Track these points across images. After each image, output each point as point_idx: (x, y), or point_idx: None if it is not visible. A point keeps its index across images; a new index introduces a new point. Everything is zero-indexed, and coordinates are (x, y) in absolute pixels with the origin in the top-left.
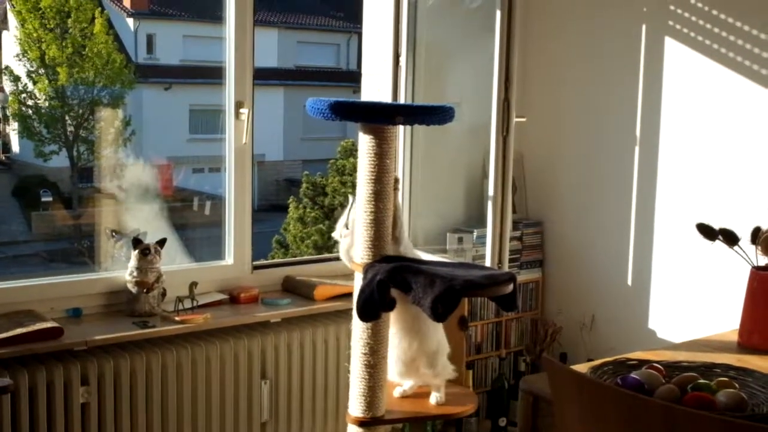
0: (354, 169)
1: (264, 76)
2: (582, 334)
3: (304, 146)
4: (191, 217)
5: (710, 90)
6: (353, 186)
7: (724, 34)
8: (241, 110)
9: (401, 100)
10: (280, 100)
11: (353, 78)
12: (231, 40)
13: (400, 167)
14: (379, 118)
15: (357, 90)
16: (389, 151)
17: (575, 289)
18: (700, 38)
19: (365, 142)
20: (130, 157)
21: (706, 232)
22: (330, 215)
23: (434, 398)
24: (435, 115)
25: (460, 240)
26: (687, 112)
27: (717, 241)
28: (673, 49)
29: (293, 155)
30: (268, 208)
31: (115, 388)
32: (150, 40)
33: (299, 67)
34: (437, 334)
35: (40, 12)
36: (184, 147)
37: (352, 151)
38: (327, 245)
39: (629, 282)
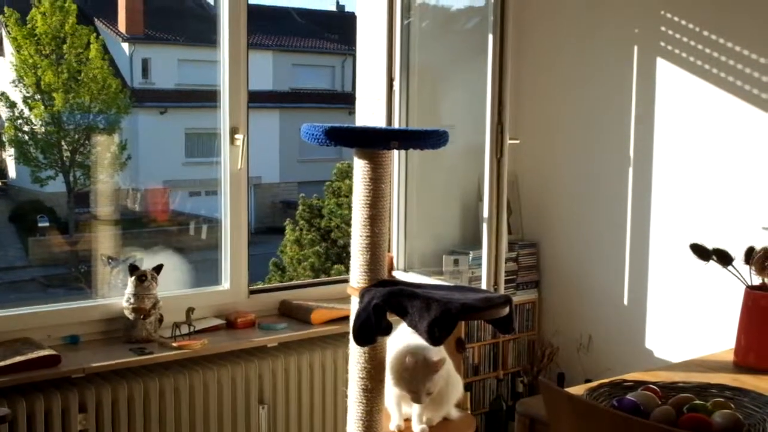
0: (350, 191)
1: (259, 99)
2: (579, 354)
3: (300, 168)
4: (188, 240)
5: (703, 110)
6: (349, 208)
7: (715, 54)
8: (236, 136)
9: (395, 124)
10: (276, 123)
11: (348, 100)
12: (225, 64)
13: (395, 190)
14: (373, 143)
15: (352, 111)
16: (384, 175)
17: (572, 309)
18: (691, 59)
19: (360, 167)
20: (127, 182)
21: (700, 252)
22: (326, 237)
23: (418, 429)
24: (429, 139)
25: (456, 262)
26: (680, 132)
27: (711, 261)
28: (665, 70)
29: (289, 177)
30: (264, 231)
31: (113, 415)
32: (145, 65)
33: (294, 90)
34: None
35: (36, 38)
36: (181, 170)
37: (347, 173)
38: (324, 267)
39: (625, 302)
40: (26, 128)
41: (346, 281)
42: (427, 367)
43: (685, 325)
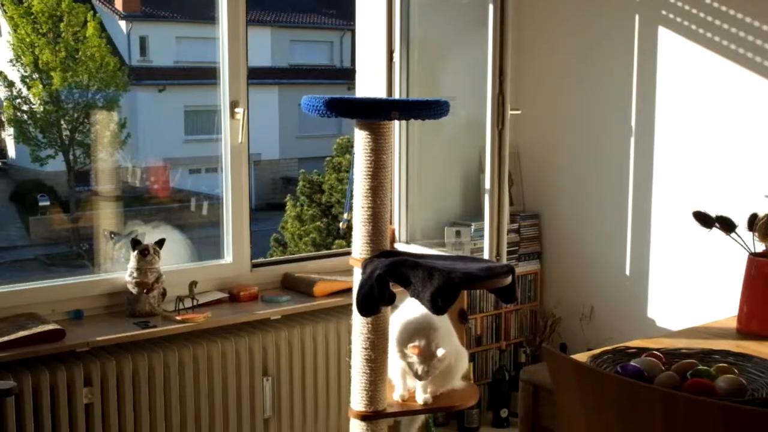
0: (350, 165)
1: (258, 76)
2: (581, 324)
3: (300, 144)
4: (189, 217)
5: (705, 79)
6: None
7: (717, 22)
8: (236, 110)
9: (396, 96)
10: (275, 99)
11: (347, 75)
12: (224, 40)
13: (396, 163)
14: (374, 113)
15: (351, 87)
16: (385, 146)
17: (574, 279)
18: (693, 27)
19: (361, 138)
20: (127, 160)
21: (703, 219)
22: (327, 212)
23: (421, 399)
24: (430, 109)
25: (458, 234)
26: (682, 101)
27: (714, 228)
28: (666, 38)
29: (289, 154)
30: (264, 207)
31: (118, 389)
32: (143, 43)
33: (293, 66)
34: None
35: (32, 17)
36: (180, 148)
37: (347, 148)
38: (325, 242)
39: (627, 272)
40: (25, 107)
41: (348, 254)
42: (431, 355)
43: (688, 294)
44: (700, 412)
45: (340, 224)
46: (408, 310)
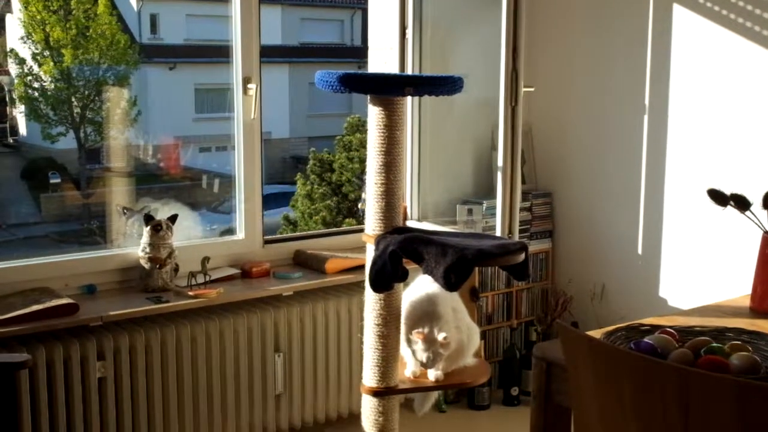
0: (361, 144)
1: (268, 54)
2: (593, 303)
3: (310, 123)
4: (200, 195)
5: (719, 56)
6: (361, 161)
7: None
8: (249, 85)
9: (408, 72)
10: (285, 78)
11: (358, 54)
12: (237, 16)
13: (408, 141)
14: (388, 89)
15: (362, 65)
16: (399, 122)
17: (585, 258)
18: (708, 5)
19: (375, 114)
20: (137, 138)
21: (718, 197)
22: (338, 191)
23: (433, 375)
24: (445, 85)
25: (470, 212)
26: (696, 78)
27: (728, 206)
28: (681, 15)
29: (299, 132)
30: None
31: (130, 363)
32: (153, 20)
33: (303, 44)
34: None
35: None
36: (191, 126)
37: (358, 127)
38: (335, 221)
39: (639, 250)
40: (36, 85)
41: (359, 232)
42: (434, 340)
43: (700, 273)
44: (714, 388)
45: (359, 205)
46: (419, 287)
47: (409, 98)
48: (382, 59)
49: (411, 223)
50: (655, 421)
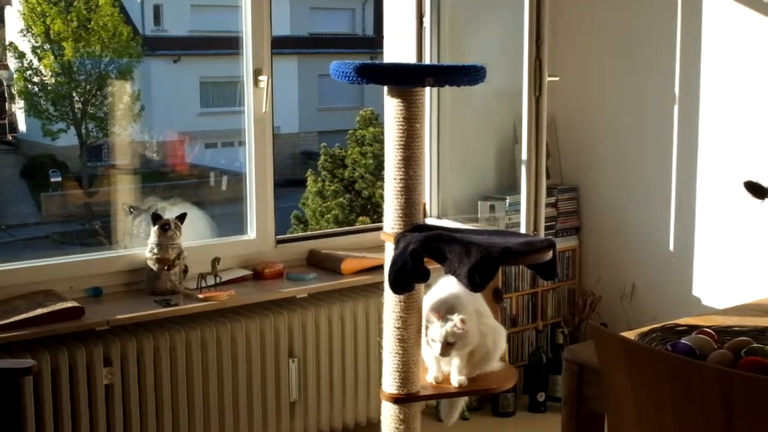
0: (374, 139)
1: (277, 45)
2: (622, 303)
3: (321, 117)
4: (208, 193)
5: (752, 40)
6: (374, 156)
7: None
8: (260, 78)
9: (426, 62)
10: (294, 70)
11: (370, 44)
12: (247, 5)
13: (427, 134)
14: (407, 80)
15: (375, 56)
16: (418, 114)
17: (614, 256)
18: None
19: (393, 107)
20: (141, 134)
21: (755, 189)
22: (350, 188)
23: (456, 381)
24: (466, 75)
25: (492, 208)
26: (728, 64)
27: (767, 199)
28: None
29: (309, 127)
30: (284, 183)
31: (138, 369)
32: (157, 11)
33: (313, 35)
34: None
35: None
36: (196, 121)
37: (371, 120)
38: (348, 219)
39: (671, 247)
40: (36, 79)
41: (376, 230)
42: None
43: (736, 270)
44: (758, 390)
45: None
46: (442, 289)
47: (427, 89)
48: (398, 49)
49: (430, 221)
50: (695, 425)
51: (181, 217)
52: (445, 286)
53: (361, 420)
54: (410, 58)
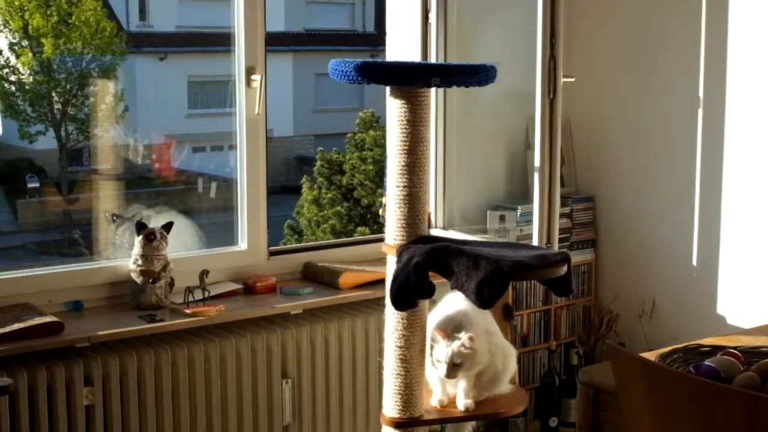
0: (375, 143)
1: (270, 42)
2: (641, 322)
3: (317, 119)
4: (196, 201)
5: None
6: (374, 162)
7: None
8: (253, 77)
9: (432, 61)
10: (289, 68)
11: (371, 41)
12: (240, 1)
13: (432, 139)
14: (412, 80)
15: (375, 54)
16: (423, 117)
17: (633, 270)
18: None
19: (396, 108)
20: (124, 137)
21: None
22: (348, 196)
23: (462, 404)
24: (475, 75)
25: (502, 218)
26: (757, 66)
27: None
28: None
29: (305, 130)
30: (277, 190)
31: (121, 389)
32: (142, 6)
33: (309, 31)
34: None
35: None
36: (183, 123)
37: (371, 123)
38: (346, 229)
39: (694, 261)
40: (13, 78)
41: (377, 241)
42: (455, 338)
43: (764, 287)
44: None
45: (380, 210)
46: (448, 305)
47: (433, 90)
48: (402, 46)
49: (435, 232)
50: None
51: (167, 227)
52: (452, 302)
53: None
54: (415, 57)
